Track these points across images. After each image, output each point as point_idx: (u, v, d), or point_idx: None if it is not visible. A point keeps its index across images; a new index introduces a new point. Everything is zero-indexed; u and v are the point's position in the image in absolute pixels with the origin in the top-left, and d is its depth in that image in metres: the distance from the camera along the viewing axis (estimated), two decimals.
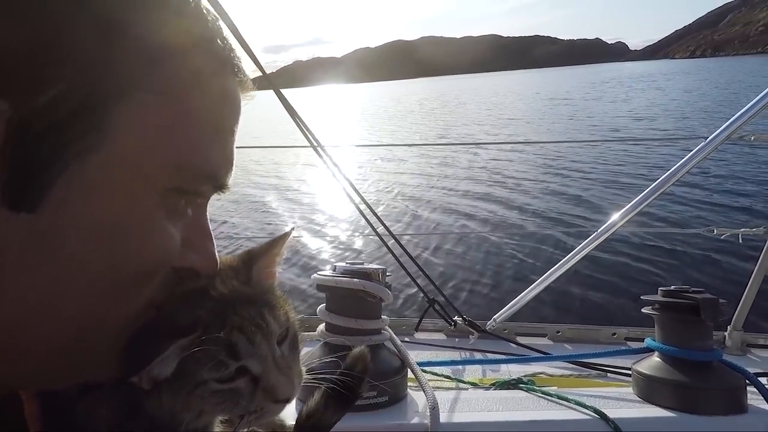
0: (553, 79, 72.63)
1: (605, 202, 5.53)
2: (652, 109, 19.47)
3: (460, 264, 4.25)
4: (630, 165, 7.16)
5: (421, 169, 8.42)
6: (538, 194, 6.20)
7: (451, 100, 40.81)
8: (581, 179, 6.67)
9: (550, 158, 7.98)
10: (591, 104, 25.10)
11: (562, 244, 4.14)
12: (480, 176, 7.62)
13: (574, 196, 5.91)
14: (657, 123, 15.40)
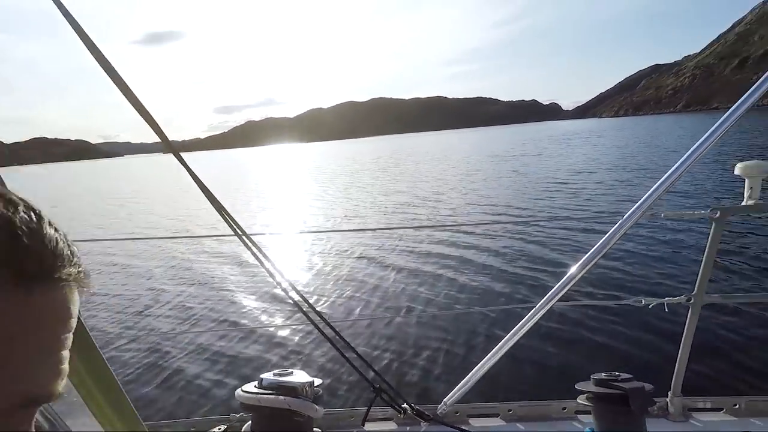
0: (499, 137, 77.41)
1: (543, 277, 5.65)
2: (592, 164, 20.88)
3: (405, 347, 4.16)
4: (559, 241, 7.26)
5: (358, 251, 7.88)
6: (478, 272, 6.16)
7: (402, 158, 42.06)
8: (519, 257, 6.65)
9: (487, 236, 7.93)
10: (534, 160, 26.61)
11: (502, 323, 4.25)
12: (418, 256, 7.32)
13: (513, 274, 5.94)
14: (596, 176, 16.42)
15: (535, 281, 5.56)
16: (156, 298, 6.26)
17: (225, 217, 1.02)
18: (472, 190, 14.35)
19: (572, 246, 6.81)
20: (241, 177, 35.16)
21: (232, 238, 1.09)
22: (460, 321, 4.56)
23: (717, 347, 3.64)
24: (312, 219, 12.41)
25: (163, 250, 8.98)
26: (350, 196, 17.43)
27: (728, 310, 4.06)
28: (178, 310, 5.77)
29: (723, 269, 5.10)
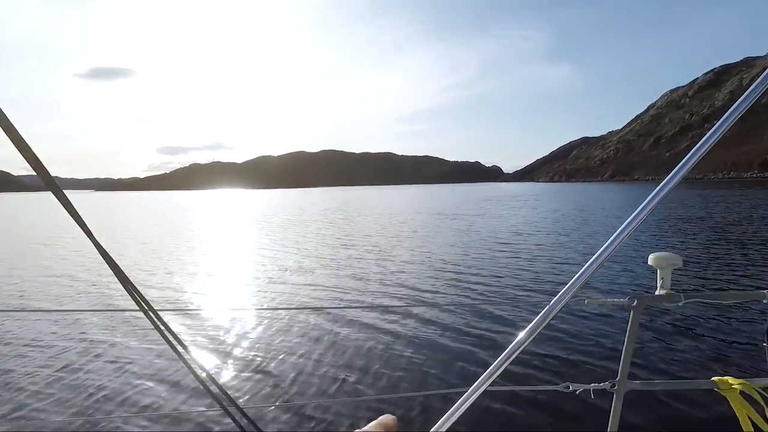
0: (446, 195, 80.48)
1: (476, 360, 5.54)
2: (530, 226, 22.23)
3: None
4: (488, 324, 6.80)
5: (287, 330, 6.86)
6: (404, 354, 5.79)
7: (351, 212, 42.42)
8: (447, 339, 6.25)
9: (417, 318, 7.17)
10: (478, 220, 27.89)
11: (435, 409, 4.24)
12: (345, 336, 6.51)
13: (442, 357, 5.68)
14: (536, 238, 17.47)
15: (466, 364, 5.42)
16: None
17: (124, 282, 0.85)
18: (415, 260, 14.26)
19: (500, 330, 6.54)
20: (168, 221, 33.83)
21: (125, 303, 0.89)
22: (390, 405, 4.38)
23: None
24: (229, 287, 10.23)
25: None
26: (287, 254, 17.26)
27: (650, 396, 4.19)
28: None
29: (644, 355, 5.35)
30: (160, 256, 14.87)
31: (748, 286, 8.29)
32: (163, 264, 13.37)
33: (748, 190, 48.63)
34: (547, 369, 5.16)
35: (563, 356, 5.49)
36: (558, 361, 5.36)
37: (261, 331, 6.80)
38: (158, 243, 18.81)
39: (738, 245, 12.61)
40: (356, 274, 11.15)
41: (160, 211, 50.18)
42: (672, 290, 1.46)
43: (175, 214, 44.15)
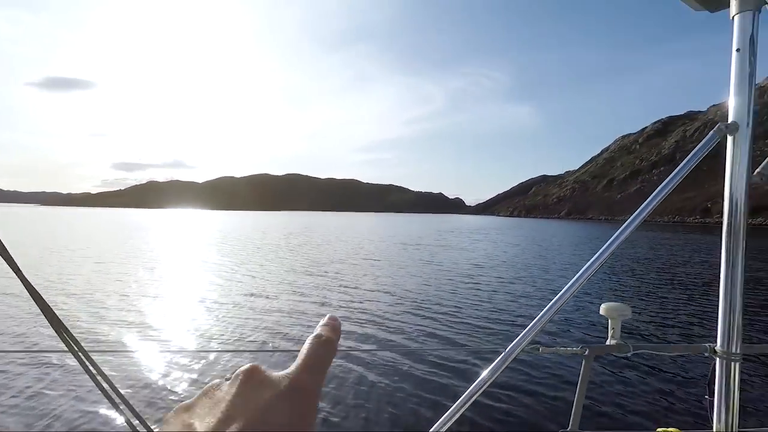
0: (408, 225, 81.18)
1: (424, 407, 5.43)
2: (491, 261, 22.63)
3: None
4: (441, 369, 6.59)
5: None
6: (356, 403, 5.51)
7: (314, 237, 41.90)
8: (402, 386, 6.03)
9: (370, 363, 6.82)
10: (440, 251, 28.15)
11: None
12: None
13: (400, 404, 5.50)
14: (495, 274, 17.74)
15: (418, 410, 5.29)
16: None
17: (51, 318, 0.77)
18: (376, 297, 14.31)
19: (454, 375, 6.39)
20: (114, 240, 32.31)
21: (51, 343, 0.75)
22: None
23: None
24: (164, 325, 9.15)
25: None
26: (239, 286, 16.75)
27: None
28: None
29: (595, 404, 5.41)
30: (95, 284, 13.77)
31: (694, 336, 8.63)
32: (97, 294, 12.22)
33: (691, 235, 51.79)
34: (499, 417, 5.09)
35: (515, 404, 5.44)
36: (510, 409, 5.30)
37: (206, 376, 6.41)
38: (95, 267, 17.72)
39: (684, 293, 13.15)
40: (306, 310, 10.86)
41: (106, 230, 47.82)
42: (621, 340, 1.49)
43: (123, 233, 42.15)
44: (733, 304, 1.21)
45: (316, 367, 0.31)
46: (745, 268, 1.19)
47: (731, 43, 1.16)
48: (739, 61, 1.15)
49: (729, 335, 1.22)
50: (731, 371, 1.23)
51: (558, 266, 20.69)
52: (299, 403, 0.28)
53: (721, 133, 1.18)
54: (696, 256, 25.39)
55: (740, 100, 1.17)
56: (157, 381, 6.09)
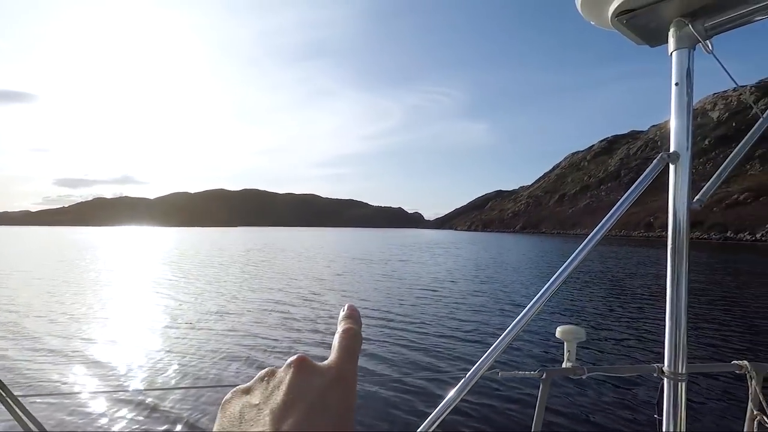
0: (369, 239, 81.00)
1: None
2: (453, 274, 22.85)
3: None
4: (401, 394, 6.44)
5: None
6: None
7: (273, 253, 40.97)
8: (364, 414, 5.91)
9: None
10: (401, 266, 28.18)
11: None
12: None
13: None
14: (455, 290, 17.88)
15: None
16: None
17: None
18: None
19: (415, 402, 6.26)
20: (49, 263, 30.36)
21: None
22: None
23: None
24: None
25: None
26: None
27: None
28: None
29: (554, 426, 5.50)
30: (26, 313, 12.72)
31: (647, 355, 8.96)
32: (29, 325, 11.27)
33: (638, 249, 54.50)
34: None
35: (475, 429, 5.44)
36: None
37: (145, 417, 5.97)
38: (27, 293, 16.49)
39: (637, 312, 13.63)
40: (265, 338, 10.48)
41: (43, 250, 44.74)
42: (577, 363, 1.53)
43: (61, 253, 39.53)
44: (678, 325, 1.25)
45: (350, 358, 0.35)
46: (689, 289, 1.24)
47: (671, 77, 1.24)
48: (678, 93, 1.23)
49: (675, 355, 1.26)
50: (678, 390, 1.26)
51: (517, 281, 21.16)
52: (346, 391, 0.32)
53: (663, 162, 1.24)
54: (643, 270, 26.75)
55: (680, 130, 1.24)
56: (95, 425, 5.61)
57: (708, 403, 6.27)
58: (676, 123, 1.25)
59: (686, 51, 1.22)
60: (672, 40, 1.24)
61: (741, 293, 17.69)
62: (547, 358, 8.54)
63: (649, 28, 1.26)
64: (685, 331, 1.26)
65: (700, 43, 1.19)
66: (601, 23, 1.32)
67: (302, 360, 0.34)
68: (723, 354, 9.04)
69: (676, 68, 1.23)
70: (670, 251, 1.26)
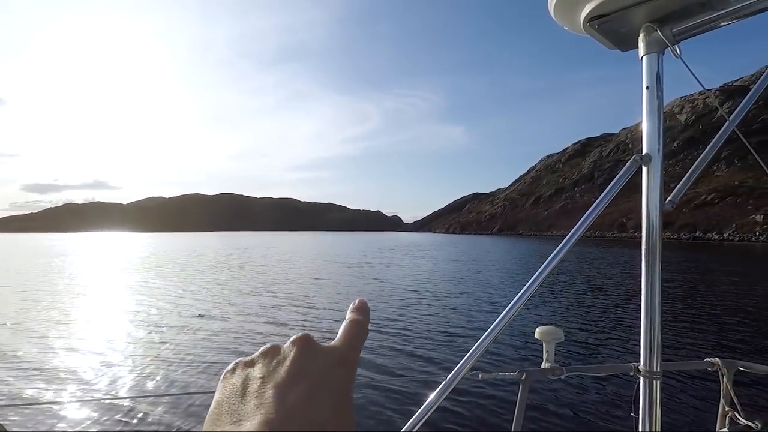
0: (348, 243, 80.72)
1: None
2: (433, 276, 22.93)
3: None
4: (382, 399, 6.39)
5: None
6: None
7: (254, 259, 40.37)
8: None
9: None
10: (384, 269, 28.14)
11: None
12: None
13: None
14: (435, 293, 17.94)
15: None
16: None
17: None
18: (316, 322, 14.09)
19: (394, 405, 6.25)
20: (17, 270, 29.27)
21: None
22: None
23: None
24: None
25: None
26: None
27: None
28: None
29: (534, 426, 5.54)
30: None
31: (623, 354, 9.14)
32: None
33: (612, 249, 55.87)
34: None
35: (457, 429, 5.46)
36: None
37: (118, 426, 5.77)
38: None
39: (613, 311, 13.95)
40: (234, 343, 10.29)
41: (11, 257, 43.07)
42: (556, 363, 1.55)
43: (30, 260, 38.10)
44: (653, 324, 1.27)
45: (354, 344, 0.36)
46: (663, 288, 1.27)
47: (641, 81, 1.26)
48: (649, 97, 1.25)
49: (650, 354, 1.28)
50: (653, 389, 1.28)
51: (496, 283, 21.40)
52: (348, 374, 0.33)
53: (636, 164, 1.26)
54: (618, 271, 27.40)
55: (651, 132, 1.26)
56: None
57: (682, 400, 6.42)
58: (648, 126, 1.27)
59: (656, 55, 1.24)
60: (642, 44, 1.26)
61: (711, 291, 18.29)
62: (527, 359, 8.66)
63: (620, 33, 1.29)
64: (660, 329, 1.28)
65: (669, 47, 1.21)
66: (573, 28, 1.34)
67: (307, 338, 0.35)
68: (696, 351, 9.31)
69: (646, 72, 1.25)
70: (644, 251, 1.28)
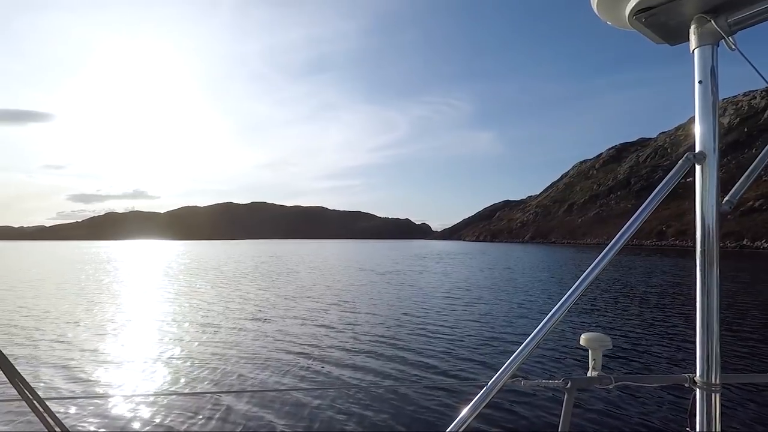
0: (378, 251, 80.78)
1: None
2: (469, 283, 22.69)
3: None
4: (423, 404, 6.45)
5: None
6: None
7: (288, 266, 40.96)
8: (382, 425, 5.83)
9: (354, 402, 6.58)
10: (415, 277, 28.04)
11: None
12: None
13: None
14: (470, 300, 17.74)
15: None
16: None
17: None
18: (353, 331, 14.12)
19: (436, 410, 6.26)
20: (67, 274, 30.62)
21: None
22: None
23: None
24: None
25: None
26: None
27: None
28: None
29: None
30: (49, 324, 12.88)
31: (676, 364, 8.77)
32: (51, 334, 11.45)
33: (652, 258, 53.77)
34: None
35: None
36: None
37: (168, 419, 5.96)
38: (48, 305, 16.67)
39: (662, 320, 13.36)
40: (277, 346, 10.47)
41: (61, 263, 45.27)
42: (603, 372, 1.47)
43: (80, 266, 39.96)
44: (711, 333, 1.20)
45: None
46: (721, 295, 1.20)
47: (693, 76, 1.21)
48: (702, 92, 1.19)
49: (708, 365, 1.21)
50: (712, 402, 1.22)
51: (532, 291, 20.96)
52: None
53: (689, 163, 1.20)
54: (661, 279, 26.36)
55: (705, 129, 1.20)
56: (115, 426, 5.65)
57: (743, 414, 6.09)
58: (701, 122, 1.20)
59: (709, 48, 1.18)
60: (693, 37, 1.20)
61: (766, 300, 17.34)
62: (571, 368, 8.45)
63: (669, 26, 1.23)
64: (719, 339, 1.21)
65: (723, 39, 1.15)
66: (618, 23, 1.28)
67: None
68: (755, 364, 8.84)
69: (699, 66, 1.20)
70: (699, 254, 1.20)
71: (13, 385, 0.72)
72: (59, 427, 0.79)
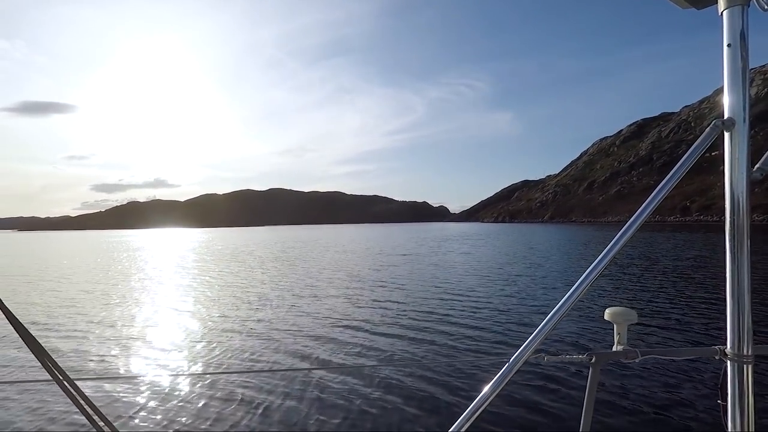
0: (396, 234, 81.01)
1: (430, 423, 5.32)
2: (485, 268, 22.62)
3: None
4: (446, 380, 6.52)
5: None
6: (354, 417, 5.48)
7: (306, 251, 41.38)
8: (406, 400, 5.91)
9: (375, 379, 6.68)
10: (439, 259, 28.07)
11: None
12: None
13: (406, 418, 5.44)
14: (491, 281, 17.69)
15: (426, 424, 5.22)
16: None
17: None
18: (375, 310, 14.26)
19: (459, 386, 6.33)
20: (93, 262, 31.50)
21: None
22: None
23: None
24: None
25: None
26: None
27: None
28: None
29: (604, 412, 5.34)
30: (78, 309, 13.31)
31: (703, 338, 8.63)
32: (80, 318, 11.87)
33: (676, 233, 52.63)
34: (506, 428, 5.04)
35: (522, 414, 5.41)
36: (517, 419, 5.27)
37: (201, 400, 6.14)
38: (77, 291, 17.23)
39: (688, 294, 13.14)
40: (307, 326, 10.64)
41: (86, 252, 46.65)
42: (629, 346, 1.45)
43: (102, 254, 41.12)
44: (742, 305, 1.18)
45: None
46: (751, 266, 1.17)
47: (721, 39, 1.16)
48: (731, 56, 1.14)
49: (739, 337, 1.19)
50: (744, 374, 1.20)
51: (554, 269, 20.81)
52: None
53: (717, 130, 1.15)
54: (686, 254, 25.83)
55: (735, 95, 1.15)
56: (148, 407, 5.86)
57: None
58: (730, 87, 1.15)
59: (739, 8, 1.13)
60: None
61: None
62: (595, 342, 8.41)
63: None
64: (749, 310, 1.18)
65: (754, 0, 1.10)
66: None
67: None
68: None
69: (728, 28, 1.14)
70: (729, 224, 1.17)
71: (44, 365, 0.72)
72: (89, 407, 0.79)
